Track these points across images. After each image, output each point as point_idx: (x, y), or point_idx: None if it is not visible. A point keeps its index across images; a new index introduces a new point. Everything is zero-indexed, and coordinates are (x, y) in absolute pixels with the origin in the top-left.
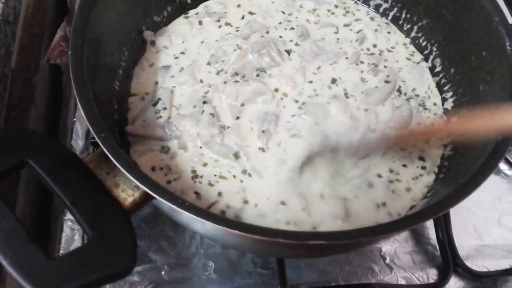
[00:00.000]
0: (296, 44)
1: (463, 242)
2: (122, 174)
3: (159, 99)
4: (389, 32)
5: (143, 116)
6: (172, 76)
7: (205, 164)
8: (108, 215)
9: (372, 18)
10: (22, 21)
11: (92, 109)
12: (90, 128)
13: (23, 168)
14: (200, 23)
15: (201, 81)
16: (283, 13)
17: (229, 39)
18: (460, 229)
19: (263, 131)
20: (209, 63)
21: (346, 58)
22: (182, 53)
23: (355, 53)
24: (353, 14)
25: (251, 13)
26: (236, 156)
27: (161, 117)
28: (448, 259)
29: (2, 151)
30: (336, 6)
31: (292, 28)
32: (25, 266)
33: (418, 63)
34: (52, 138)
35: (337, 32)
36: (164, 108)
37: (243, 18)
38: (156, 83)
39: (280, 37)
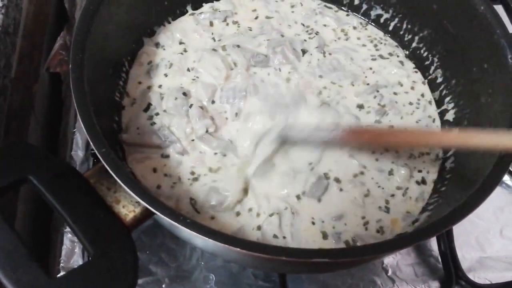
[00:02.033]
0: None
1: (465, 254)
2: (123, 190)
3: (150, 104)
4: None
5: (137, 123)
6: (166, 75)
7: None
8: (109, 232)
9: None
10: (22, 29)
11: (93, 124)
12: (91, 144)
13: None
14: (211, 24)
15: (188, 70)
16: (303, 25)
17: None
18: (462, 241)
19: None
20: (214, 49)
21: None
22: (183, 51)
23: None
24: (380, 47)
25: (268, 17)
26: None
27: (155, 123)
28: (450, 272)
29: (3, 167)
30: (355, 28)
31: (309, 38)
32: (26, 285)
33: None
34: (52, 149)
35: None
36: (157, 114)
37: (256, 18)
38: (149, 87)
39: (304, 39)
